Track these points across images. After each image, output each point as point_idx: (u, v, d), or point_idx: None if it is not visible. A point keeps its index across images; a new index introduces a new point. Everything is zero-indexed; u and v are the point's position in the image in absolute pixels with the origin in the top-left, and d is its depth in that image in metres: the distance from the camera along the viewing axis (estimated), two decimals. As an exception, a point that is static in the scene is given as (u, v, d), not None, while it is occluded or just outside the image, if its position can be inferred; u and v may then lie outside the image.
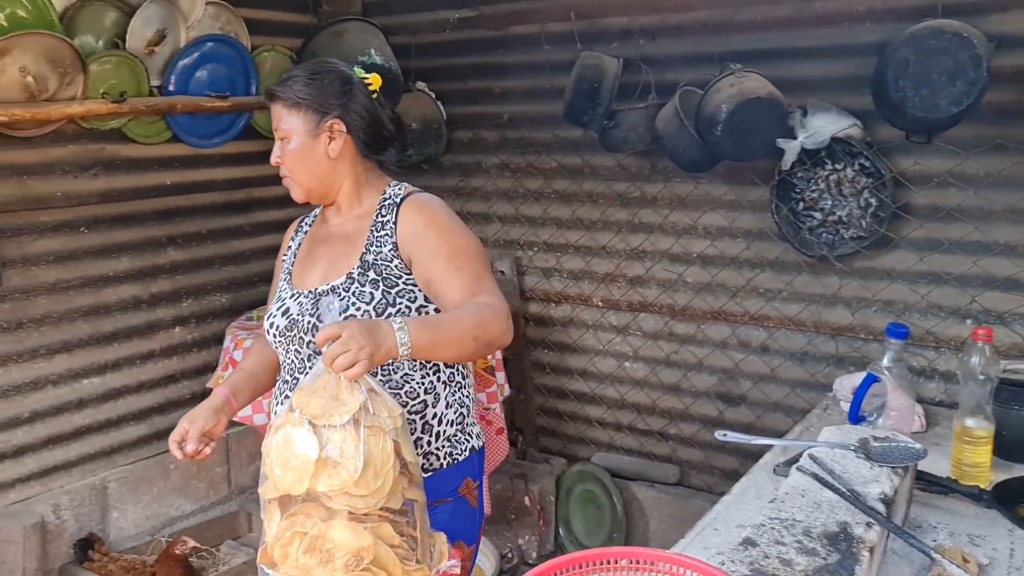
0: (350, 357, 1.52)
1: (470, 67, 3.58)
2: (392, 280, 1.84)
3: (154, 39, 2.94)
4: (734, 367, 3.17)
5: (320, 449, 1.50)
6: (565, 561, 1.30)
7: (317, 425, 1.52)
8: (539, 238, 3.54)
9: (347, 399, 1.53)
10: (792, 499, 1.53)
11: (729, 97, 2.65)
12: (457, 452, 1.92)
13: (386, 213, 1.90)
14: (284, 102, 1.88)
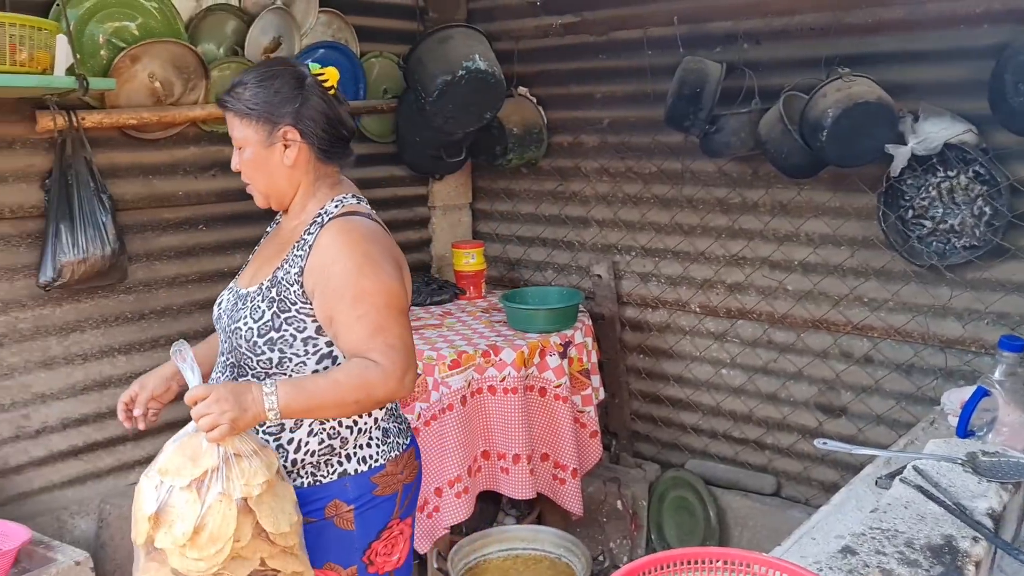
0: (211, 420, 1.55)
1: (572, 72, 3.62)
2: (286, 305, 1.81)
3: (270, 46, 3.07)
4: (835, 377, 3.10)
5: (157, 505, 1.54)
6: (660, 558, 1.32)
7: (163, 481, 1.56)
8: (637, 243, 3.54)
9: (201, 461, 1.55)
10: (895, 510, 1.50)
11: (836, 102, 2.60)
12: (321, 474, 1.87)
13: (312, 231, 1.84)
14: (236, 110, 1.82)
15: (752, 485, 3.34)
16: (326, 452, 1.87)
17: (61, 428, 2.77)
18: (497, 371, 2.98)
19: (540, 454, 3.15)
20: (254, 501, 1.57)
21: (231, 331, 1.84)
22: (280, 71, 1.85)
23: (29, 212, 2.62)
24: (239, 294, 1.88)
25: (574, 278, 3.78)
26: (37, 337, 2.69)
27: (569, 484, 3.14)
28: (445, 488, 2.94)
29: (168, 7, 2.77)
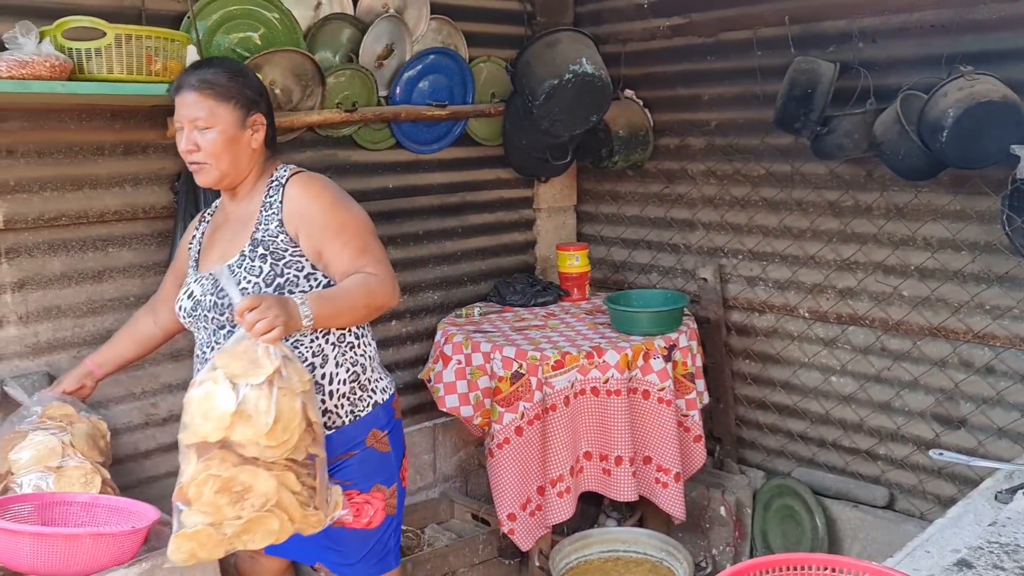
0: (267, 323, 1.77)
1: (679, 74, 3.59)
2: (279, 253, 2.06)
3: (383, 53, 3.17)
4: (954, 387, 2.98)
5: (237, 404, 1.73)
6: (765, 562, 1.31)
7: (236, 383, 1.74)
8: (744, 246, 3.49)
9: (264, 363, 1.77)
10: (1016, 524, 1.45)
11: (957, 101, 2.51)
12: (358, 409, 2.15)
13: (273, 193, 2.13)
14: (214, 93, 2.08)
15: (863, 496, 3.24)
16: (353, 382, 2.14)
17: (186, 417, 2.93)
18: (600, 373, 2.99)
19: (643, 457, 3.14)
20: (304, 396, 1.82)
21: (225, 306, 2.03)
22: (246, 68, 2.26)
23: (160, 212, 2.79)
24: (213, 275, 2.07)
25: (679, 281, 3.75)
26: (165, 330, 2.86)
27: (672, 488, 3.12)
28: (548, 487, 2.98)
29: (289, 18, 2.89)
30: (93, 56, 2.27)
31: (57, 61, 2.19)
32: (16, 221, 2.52)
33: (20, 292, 2.56)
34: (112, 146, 2.68)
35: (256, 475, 1.76)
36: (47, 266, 2.61)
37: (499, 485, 2.92)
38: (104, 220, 2.69)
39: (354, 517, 2.18)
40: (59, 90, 2.19)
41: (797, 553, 1.38)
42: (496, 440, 2.87)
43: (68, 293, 2.65)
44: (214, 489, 1.77)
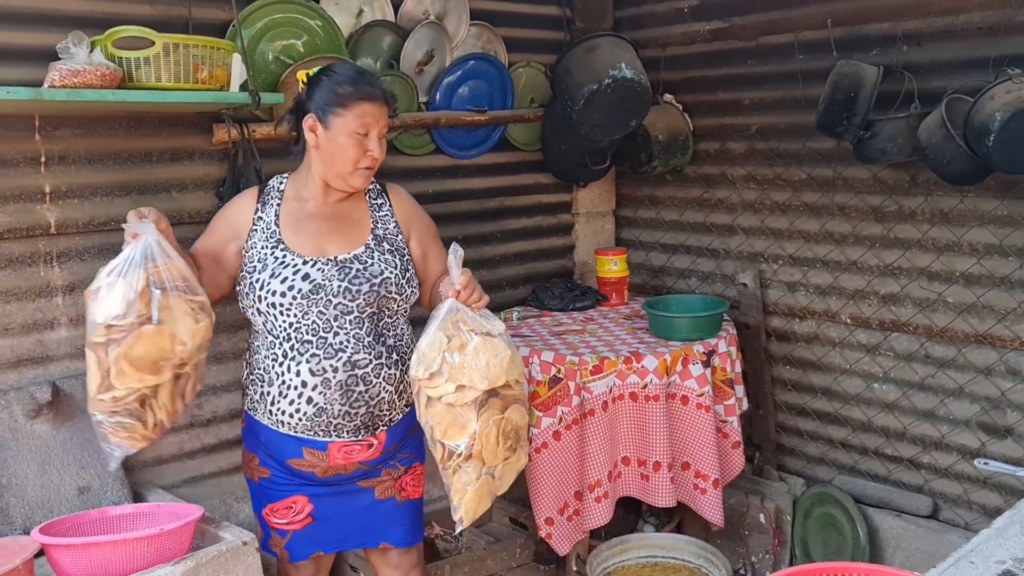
0: (479, 293, 2.16)
1: (719, 78, 3.58)
2: (401, 251, 2.34)
3: (424, 59, 3.20)
4: (1000, 396, 2.93)
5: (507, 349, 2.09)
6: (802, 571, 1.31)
7: (492, 336, 2.07)
8: (784, 251, 3.46)
9: (489, 321, 2.13)
10: (1063, 536, 1.42)
11: (1004, 104, 2.47)
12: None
13: (376, 197, 2.39)
14: (388, 106, 2.26)
15: (906, 506, 3.19)
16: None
17: (229, 418, 2.98)
18: (639, 378, 2.99)
19: (681, 463, 3.13)
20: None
21: (363, 292, 2.21)
22: None
23: (205, 217, 2.82)
24: (338, 260, 2.25)
25: (718, 286, 3.73)
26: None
27: (710, 494, 3.10)
28: (585, 492, 2.98)
29: (331, 25, 2.94)
30: (142, 65, 2.33)
31: (107, 70, 2.25)
32: (67, 226, 2.59)
33: (71, 295, 2.62)
34: (160, 152, 2.74)
35: (517, 410, 2.13)
36: (97, 270, 2.66)
37: (536, 489, 2.92)
38: (151, 225, 2.74)
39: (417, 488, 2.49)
40: (109, 98, 2.25)
41: (837, 562, 1.37)
42: (534, 444, 2.88)
43: (116, 296, 2.71)
44: (499, 433, 2.07)
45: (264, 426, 2.33)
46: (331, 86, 2.21)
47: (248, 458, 2.45)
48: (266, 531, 2.45)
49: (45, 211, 2.55)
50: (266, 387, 2.30)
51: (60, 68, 2.22)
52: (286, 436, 2.30)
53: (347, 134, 2.19)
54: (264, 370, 2.30)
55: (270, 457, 2.37)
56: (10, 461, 2.39)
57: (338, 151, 2.21)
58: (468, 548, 3.24)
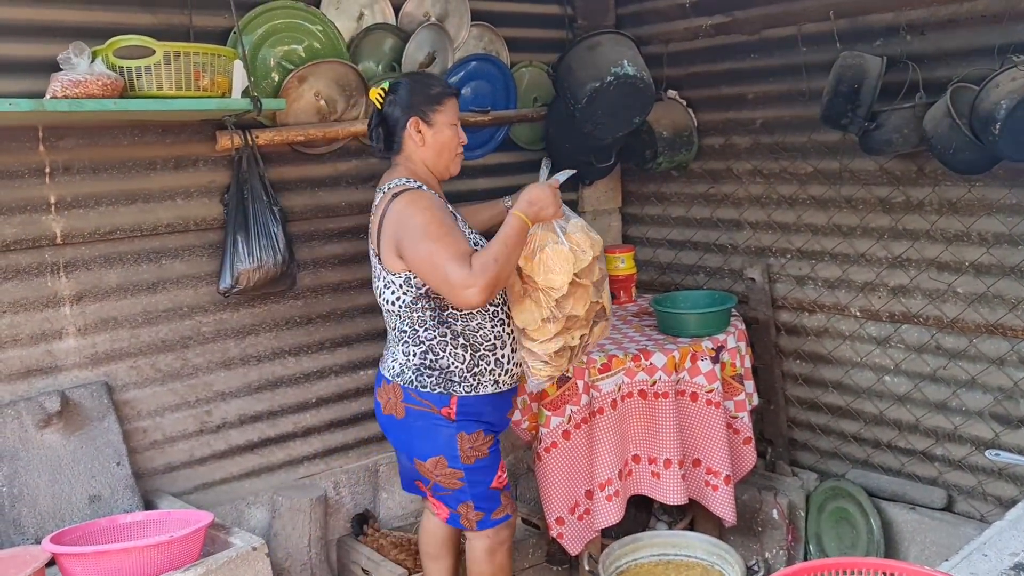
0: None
1: (722, 73, 3.56)
2: None
3: (425, 61, 3.20)
4: (1013, 386, 2.90)
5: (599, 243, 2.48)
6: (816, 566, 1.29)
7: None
8: (792, 245, 3.45)
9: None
10: (1075, 527, 1.41)
11: (1010, 92, 2.45)
12: None
13: None
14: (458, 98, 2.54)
15: (920, 498, 3.17)
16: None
17: (239, 424, 2.99)
18: (648, 375, 2.98)
19: (692, 459, 3.12)
20: None
21: None
22: None
23: (210, 224, 2.85)
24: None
25: (726, 282, 3.71)
26: (218, 340, 2.92)
27: (722, 491, 3.09)
28: (596, 491, 2.97)
29: (331, 29, 2.94)
30: (143, 74, 2.34)
31: (109, 80, 2.26)
32: (73, 236, 2.60)
33: (78, 304, 2.64)
34: (164, 161, 2.75)
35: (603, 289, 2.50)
36: (103, 279, 2.68)
37: (547, 489, 2.92)
38: (157, 233, 2.76)
39: None
40: (111, 108, 2.26)
41: (849, 557, 1.36)
42: (543, 444, 2.88)
43: (124, 305, 2.73)
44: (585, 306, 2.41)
45: (488, 396, 2.48)
46: (423, 89, 2.49)
47: (478, 439, 2.48)
48: (496, 501, 2.54)
49: (51, 221, 2.56)
50: (498, 352, 2.47)
51: (62, 79, 2.23)
52: (509, 392, 2.56)
53: (448, 126, 2.49)
54: (496, 337, 2.47)
55: (490, 424, 2.52)
56: (21, 471, 2.41)
57: (443, 143, 2.49)
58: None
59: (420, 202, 2.35)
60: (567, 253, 2.36)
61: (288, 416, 3.11)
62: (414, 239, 2.30)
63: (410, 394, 2.46)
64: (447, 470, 2.48)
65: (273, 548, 2.90)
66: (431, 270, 2.28)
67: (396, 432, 2.56)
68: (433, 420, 2.45)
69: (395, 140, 2.50)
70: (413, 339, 2.44)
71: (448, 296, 2.31)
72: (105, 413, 2.61)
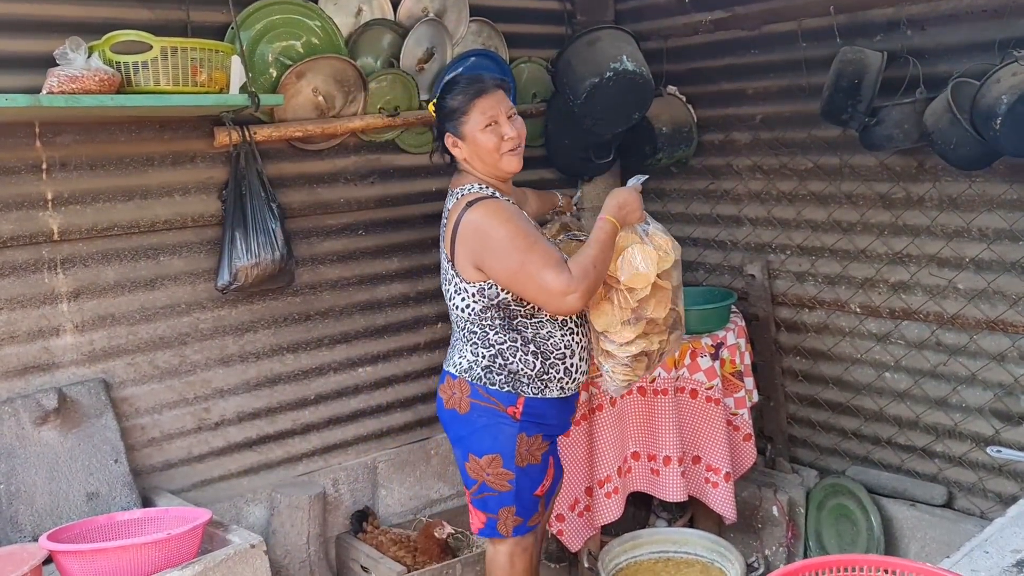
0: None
1: (722, 69, 3.55)
2: None
3: (424, 57, 3.18)
4: (1014, 382, 2.89)
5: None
6: (815, 564, 1.29)
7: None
8: (792, 241, 3.44)
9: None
10: (1077, 524, 1.40)
11: (1011, 87, 2.44)
12: None
13: None
14: (505, 90, 2.48)
15: (920, 495, 3.16)
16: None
17: (237, 421, 2.98)
18: (647, 372, 2.97)
19: (692, 456, 3.11)
20: None
21: None
22: None
23: (208, 221, 2.84)
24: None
25: (726, 278, 3.71)
26: (216, 336, 2.91)
27: (722, 488, 3.09)
28: (596, 488, 2.97)
29: (330, 25, 2.92)
30: (140, 69, 2.32)
31: (106, 75, 2.25)
32: (71, 232, 2.59)
33: (76, 301, 2.63)
34: (161, 157, 2.74)
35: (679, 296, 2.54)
36: (101, 275, 2.67)
37: (547, 486, 2.91)
38: (155, 229, 2.74)
39: None
40: (108, 103, 2.25)
41: (850, 554, 1.35)
42: (543, 441, 2.87)
43: (122, 301, 2.71)
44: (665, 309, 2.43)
45: (554, 399, 2.48)
46: (446, 103, 2.46)
47: (536, 443, 2.49)
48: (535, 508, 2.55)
49: (47, 218, 2.55)
50: (567, 360, 2.46)
51: (58, 74, 2.21)
52: (573, 396, 2.57)
53: (480, 131, 2.41)
54: (565, 346, 2.45)
55: (551, 428, 2.53)
56: (18, 469, 2.40)
57: (481, 148, 2.42)
58: (479, 546, 3.22)
59: (500, 214, 2.33)
60: (652, 252, 2.40)
61: (287, 413, 3.10)
62: (501, 253, 2.28)
63: (477, 390, 2.44)
64: (500, 470, 2.46)
65: (271, 545, 2.89)
66: (525, 280, 2.27)
67: (456, 427, 2.53)
68: (498, 417, 2.44)
69: (451, 154, 2.52)
70: (483, 342, 2.44)
71: (545, 304, 2.31)
72: (103, 410, 2.60)
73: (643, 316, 2.43)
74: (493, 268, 2.31)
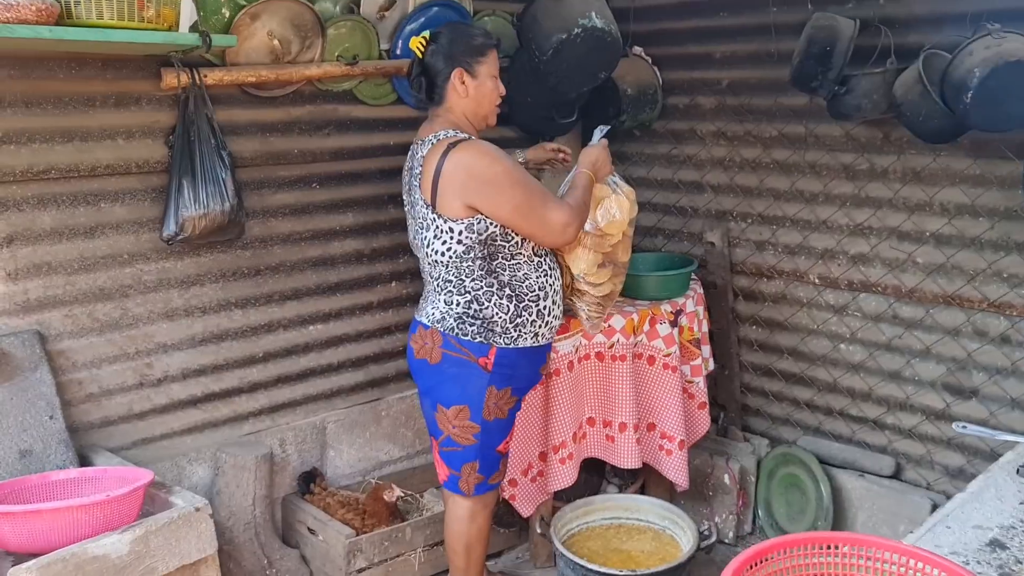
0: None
1: (690, 31, 3.48)
2: None
3: (385, 4, 3.05)
4: (967, 357, 2.92)
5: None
6: (790, 541, 1.25)
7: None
8: (753, 209, 3.41)
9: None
10: (1047, 503, 1.39)
11: (984, 60, 2.41)
12: None
13: None
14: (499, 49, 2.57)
15: (869, 466, 3.19)
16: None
17: (181, 378, 2.87)
18: (606, 337, 2.92)
19: (647, 423, 3.09)
20: None
21: None
22: None
23: (154, 167, 2.69)
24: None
25: (685, 245, 3.67)
26: (160, 289, 2.78)
27: (675, 455, 3.07)
28: (550, 453, 2.92)
29: (288, -36, 2.77)
30: (82, 1, 2.16)
31: (43, 4, 2.09)
32: (3, 174, 2.43)
33: (8, 248, 2.47)
34: (103, 97, 2.58)
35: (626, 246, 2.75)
36: (36, 221, 2.52)
37: (501, 451, 2.86)
38: (96, 174, 2.59)
39: None
40: (45, 35, 2.08)
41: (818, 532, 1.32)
42: (498, 405, 2.81)
43: (59, 249, 2.57)
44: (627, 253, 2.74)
45: (526, 349, 2.49)
46: (466, 40, 2.50)
47: (504, 397, 2.50)
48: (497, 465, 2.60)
49: (-22, 158, 2.38)
50: (540, 303, 2.48)
51: (-9, 2, 2.04)
52: (546, 346, 2.59)
53: (490, 77, 2.51)
54: (539, 288, 2.48)
55: (521, 381, 2.55)
56: (-56, 423, 2.26)
57: (485, 94, 2.51)
58: (428, 510, 3.17)
59: (491, 152, 2.38)
60: (625, 202, 2.64)
61: (234, 371, 2.99)
62: (500, 186, 2.33)
63: (449, 340, 2.45)
64: (466, 422, 2.49)
65: (216, 507, 2.79)
66: (527, 212, 2.34)
67: (426, 377, 2.54)
68: (468, 368, 2.45)
69: (436, 91, 2.52)
70: (458, 288, 2.44)
71: (544, 236, 2.40)
72: (37, 363, 2.46)
73: (615, 260, 2.70)
74: (493, 202, 2.34)
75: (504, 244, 2.41)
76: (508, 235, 2.41)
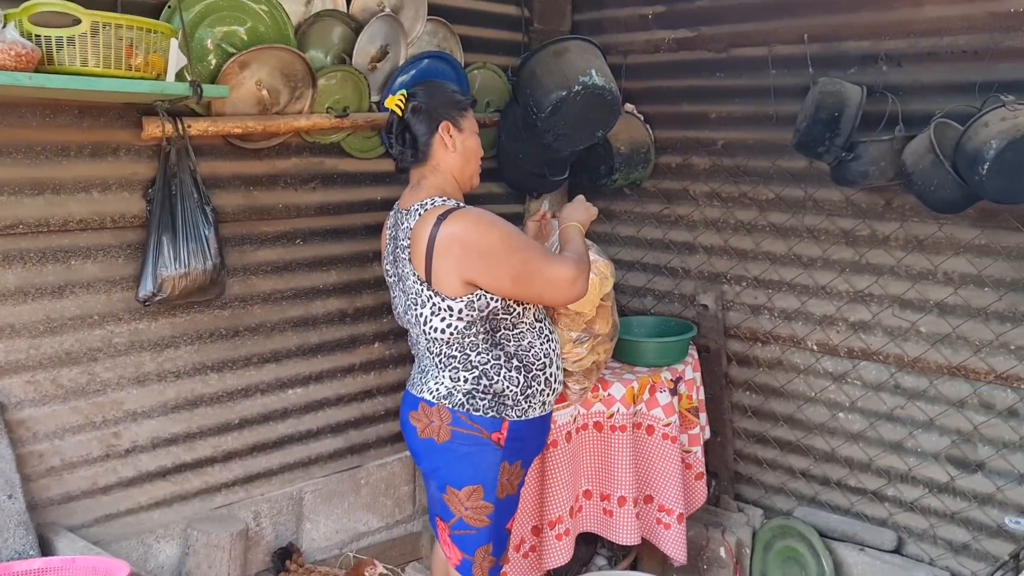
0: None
1: (684, 90, 3.42)
2: None
3: (377, 55, 2.93)
4: (972, 430, 2.85)
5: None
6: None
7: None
8: (748, 272, 3.33)
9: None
10: None
11: (1000, 132, 2.37)
12: None
13: None
14: None
15: (870, 540, 3.09)
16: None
17: (151, 448, 2.66)
18: (605, 407, 2.80)
19: (644, 496, 2.95)
20: None
21: None
22: None
23: (130, 222, 2.51)
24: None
25: (676, 307, 3.58)
26: (131, 352, 2.58)
27: (674, 529, 2.94)
28: (545, 528, 2.77)
29: (278, 11, 2.64)
30: (65, 45, 2.00)
31: (23, 49, 1.92)
32: (-33, 228, 2.23)
33: (-30, 307, 2.26)
34: (79, 147, 2.40)
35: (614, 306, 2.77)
36: (0, 279, 2.31)
37: (494, 527, 2.69)
38: (67, 229, 2.40)
39: None
40: (25, 83, 1.92)
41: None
42: (494, 479, 2.65)
43: (23, 310, 2.36)
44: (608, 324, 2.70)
45: (536, 419, 2.37)
46: (447, 95, 2.40)
47: (515, 472, 2.37)
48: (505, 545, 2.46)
49: (-61, 210, 2.18)
50: (547, 370, 2.37)
51: (-35, 45, 1.87)
52: (550, 413, 2.48)
53: (473, 133, 2.41)
54: (544, 355, 2.36)
55: (530, 452, 2.44)
56: None
57: (472, 149, 2.41)
58: (414, 588, 2.98)
59: (483, 219, 2.24)
60: (595, 281, 2.52)
61: (207, 439, 2.78)
62: (497, 256, 2.19)
63: (459, 417, 2.28)
64: (480, 503, 2.32)
65: (185, 589, 2.58)
66: (530, 277, 2.22)
67: (433, 457, 2.36)
68: (481, 445, 2.29)
69: (419, 149, 2.36)
70: (464, 364, 2.28)
71: (553, 295, 2.28)
72: (-5, 436, 2.24)
73: (592, 333, 2.65)
74: (492, 274, 2.20)
75: (506, 316, 2.28)
76: (509, 306, 2.28)
